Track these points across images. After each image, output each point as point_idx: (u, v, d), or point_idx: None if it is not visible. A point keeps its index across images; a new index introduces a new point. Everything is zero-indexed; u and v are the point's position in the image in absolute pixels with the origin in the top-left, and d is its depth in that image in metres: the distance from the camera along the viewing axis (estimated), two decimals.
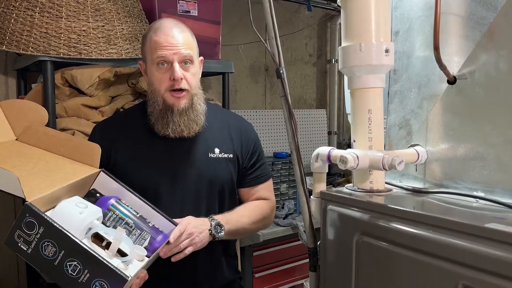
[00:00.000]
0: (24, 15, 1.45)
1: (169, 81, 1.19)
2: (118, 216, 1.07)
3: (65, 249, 0.92)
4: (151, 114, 1.25)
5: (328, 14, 3.03)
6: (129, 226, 1.06)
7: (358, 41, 0.85)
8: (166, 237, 1.09)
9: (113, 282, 0.90)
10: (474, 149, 0.81)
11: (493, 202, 0.75)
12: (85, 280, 0.91)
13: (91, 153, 1.13)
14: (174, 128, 1.22)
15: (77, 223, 0.97)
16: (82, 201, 1.03)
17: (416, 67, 0.95)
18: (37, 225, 0.92)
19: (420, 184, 0.92)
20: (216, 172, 1.27)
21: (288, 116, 1.00)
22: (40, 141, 1.15)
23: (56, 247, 0.92)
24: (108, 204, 1.08)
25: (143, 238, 1.06)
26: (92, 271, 0.91)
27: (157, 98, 1.22)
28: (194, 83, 1.23)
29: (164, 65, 1.19)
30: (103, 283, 0.91)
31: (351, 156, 0.83)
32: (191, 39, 1.24)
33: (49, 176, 1.03)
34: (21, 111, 1.19)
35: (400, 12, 0.99)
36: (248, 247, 2.09)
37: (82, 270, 0.91)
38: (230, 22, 2.47)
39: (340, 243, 0.86)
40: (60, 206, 0.99)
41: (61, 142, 1.15)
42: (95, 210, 1.03)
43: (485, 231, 0.62)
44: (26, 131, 1.17)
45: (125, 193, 1.14)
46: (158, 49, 1.18)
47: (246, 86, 2.73)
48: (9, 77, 1.91)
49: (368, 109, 0.88)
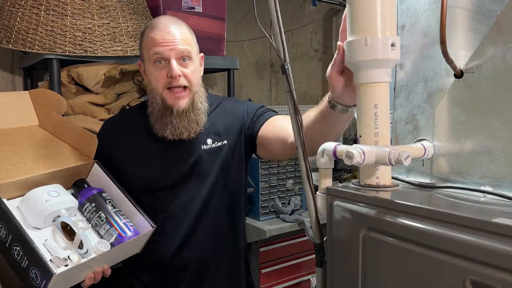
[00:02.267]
0: (29, 14, 1.45)
1: (166, 78, 1.16)
2: (93, 207, 1.10)
3: (12, 234, 0.96)
4: (151, 114, 1.23)
5: (334, 9, 3.02)
6: (100, 220, 1.09)
7: (364, 35, 0.85)
8: (137, 234, 1.10)
9: (43, 273, 0.93)
10: (482, 143, 0.80)
11: (501, 196, 0.75)
12: (25, 266, 0.95)
13: (89, 143, 1.19)
14: (173, 131, 1.20)
15: (41, 210, 1.01)
16: (58, 190, 1.08)
17: (422, 61, 0.94)
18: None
19: (427, 179, 0.91)
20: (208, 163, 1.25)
21: (293, 112, 0.99)
22: (54, 128, 1.25)
23: (6, 230, 0.97)
24: (88, 195, 1.11)
25: (110, 233, 1.08)
26: (30, 259, 0.95)
27: (156, 97, 1.19)
28: (194, 80, 1.20)
29: (161, 62, 1.16)
30: (36, 272, 0.94)
31: (357, 151, 0.82)
32: (188, 35, 1.20)
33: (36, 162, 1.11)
34: (45, 99, 1.30)
35: (406, 6, 0.98)
36: (254, 243, 2.10)
37: (23, 256, 0.95)
38: (235, 18, 2.47)
39: (346, 239, 0.86)
40: (30, 192, 1.04)
41: (69, 131, 1.23)
42: (67, 200, 1.08)
43: (493, 226, 0.61)
44: (46, 118, 1.28)
45: (111, 187, 1.17)
46: (154, 46, 1.16)
47: (252, 82, 2.73)
48: (15, 75, 1.92)
49: (374, 104, 0.87)
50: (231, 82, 1.95)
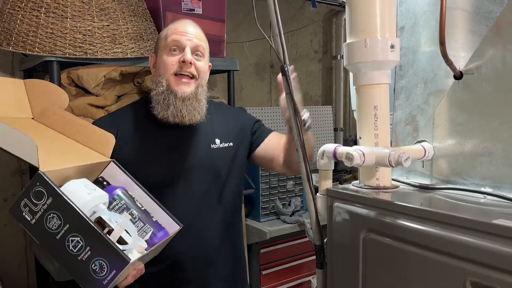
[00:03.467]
0: (29, 16, 1.45)
1: (178, 63, 1.21)
2: (123, 205, 1.05)
3: (70, 223, 0.90)
4: (153, 97, 1.24)
5: (333, 10, 3.02)
6: (133, 217, 1.04)
7: (363, 37, 0.85)
8: (166, 234, 1.08)
9: (114, 262, 0.88)
10: (482, 144, 0.80)
11: (501, 198, 0.75)
12: (85, 257, 0.89)
13: (105, 142, 1.14)
14: (174, 113, 1.21)
15: (84, 203, 0.94)
16: (91, 184, 1.02)
17: (422, 62, 0.94)
18: (46, 195, 0.90)
19: (427, 180, 0.91)
20: (218, 160, 1.28)
21: (293, 114, 0.99)
22: (56, 123, 1.15)
23: (61, 220, 0.90)
24: (115, 193, 1.06)
25: (145, 231, 1.05)
26: (94, 249, 0.89)
27: (162, 80, 1.22)
28: (202, 74, 1.25)
29: (176, 50, 1.22)
30: (102, 263, 0.89)
31: (357, 153, 0.82)
32: (205, 38, 1.29)
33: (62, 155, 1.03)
34: (43, 92, 1.20)
35: (405, 7, 0.98)
36: (255, 244, 2.10)
37: (84, 247, 0.89)
38: (234, 19, 2.47)
39: (347, 240, 0.86)
40: (68, 184, 0.97)
41: (77, 128, 1.15)
42: (103, 195, 1.02)
43: (493, 227, 0.61)
44: (44, 111, 1.17)
45: (132, 186, 1.13)
46: (174, 34, 1.22)
47: (252, 83, 2.73)
48: (16, 78, 1.92)
49: (374, 106, 0.87)
50: (231, 84, 1.95)
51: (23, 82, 1.20)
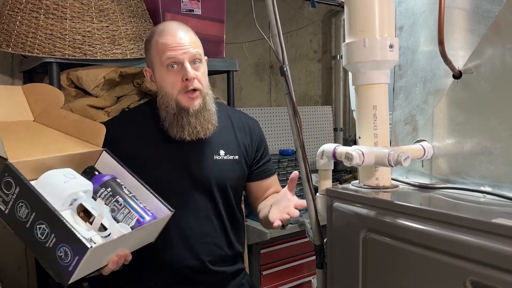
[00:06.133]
0: (29, 17, 1.46)
1: (182, 82, 1.17)
2: (109, 193, 1.06)
3: (36, 211, 0.91)
4: (164, 120, 1.23)
5: (333, 10, 3.02)
6: (118, 204, 1.06)
7: (362, 37, 0.85)
8: (154, 218, 1.09)
9: (76, 248, 0.89)
10: (481, 143, 0.80)
11: (500, 197, 0.75)
12: (51, 245, 0.90)
13: (96, 133, 1.15)
14: (190, 131, 1.20)
15: (59, 191, 0.96)
16: (72, 173, 1.03)
17: (421, 62, 0.95)
18: (13, 185, 0.92)
19: (427, 179, 0.91)
20: (221, 174, 1.26)
21: (292, 114, 1.00)
22: (54, 122, 1.18)
23: (28, 208, 0.92)
24: (102, 180, 1.08)
25: (130, 217, 1.05)
26: (58, 236, 0.90)
27: (170, 101, 1.20)
28: (205, 82, 1.22)
29: (174, 67, 1.17)
30: (66, 249, 0.89)
31: (357, 152, 0.82)
32: (196, 38, 1.23)
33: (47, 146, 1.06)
34: (41, 94, 1.23)
35: (404, 7, 0.98)
36: (255, 245, 2.10)
37: (49, 234, 0.90)
38: (234, 20, 2.47)
39: (346, 240, 0.86)
40: (46, 173, 0.99)
41: (71, 123, 1.17)
42: (84, 183, 1.03)
43: (493, 226, 0.61)
44: (43, 112, 1.20)
45: (124, 174, 1.14)
46: (167, 51, 1.17)
47: (251, 84, 2.73)
48: (15, 79, 1.93)
49: (373, 105, 0.87)
50: (230, 84, 1.95)
51: (21, 88, 1.24)
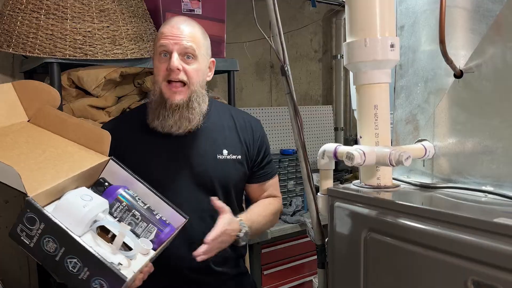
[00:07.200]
0: (30, 18, 1.46)
1: (166, 71, 1.18)
2: (125, 207, 1.05)
3: (65, 246, 0.90)
4: (149, 105, 1.24)
5: (333, 10, 3.02)
6: (135, 218, 1.04)
7: (363, 36, 0.85)
8: (173, 229, 1.07)
9: (112, 281, 0.89)
10: (482, 143, 0.80)
11: (502, 196, 0.75)
12: (85, 277, 0.90)
13: (101, 140, 1.12)
14: (162, 123, 1.20)
15: (81, 217, 0.95)
16: (88, 193, 1.01)
17: (422, 61, 0.94)
18: (38, 221, 0.91)
19: (428, 179, 0.91)
20: (224, 173, 1.25)
21: (293, 114, 1.00)
22: (51, 124, 1.14)
23: (56, 243, 0.91)
24: (116, 194, 1.06)
25: (149, 231, 1.04)
26: (92, 270, 0.90)
27: (156, 88, 1.22)
28: (195, 78, 1.21)
29: (166, 55, 1.19)
30: (102, 282, 0.89)
31: (358, 152, 0.82)
32: (198, 35, 1.22)
33: (56, 165, 1.01)
34: (34, 92, 1.17)
35: (405, 6, 0.98)
36: (256, 245, 2.10)
37: (82, 267, 0.90)
38: (234, 19, 2.47)
39: (348, 240, 0.86)
40: (64, 199, 0.97)
41: (72, 127, 1.13)
42: (101, 202, 1.01)
43: (494, 226, 0.61)
44: (38, 112, 1.15)
45: (134, 182, 1.12)
46: (161, 39, 1.19)
47: (252, 83, 2.73)
48: (16, 79, 1.92)
49: (374, 105, 0.87)
50: (231, 84, 1.95)
51: (11, 85, 1.17)
